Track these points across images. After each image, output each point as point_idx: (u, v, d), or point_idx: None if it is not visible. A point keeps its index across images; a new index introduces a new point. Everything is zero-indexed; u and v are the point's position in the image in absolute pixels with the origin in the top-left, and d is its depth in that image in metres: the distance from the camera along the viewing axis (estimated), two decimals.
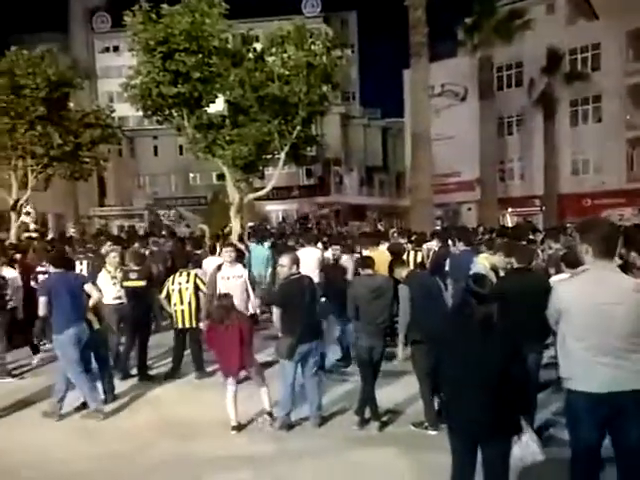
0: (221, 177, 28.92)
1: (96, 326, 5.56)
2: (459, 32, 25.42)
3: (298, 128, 12.71)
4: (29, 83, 13.96)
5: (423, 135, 17.38)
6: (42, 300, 5.20)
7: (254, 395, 4.93)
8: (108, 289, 6.47)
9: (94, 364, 5.55)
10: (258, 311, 6.96)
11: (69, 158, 15.41)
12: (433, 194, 18.24)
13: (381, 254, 7.23)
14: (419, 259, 8.15)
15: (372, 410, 4.84)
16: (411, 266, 7.96)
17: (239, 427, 4.76)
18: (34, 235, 15.37)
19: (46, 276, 7.57)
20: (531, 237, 10.19)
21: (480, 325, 2.92)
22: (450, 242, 8.60)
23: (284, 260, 4.90)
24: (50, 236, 14.00)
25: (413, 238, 9.96)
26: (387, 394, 5.36)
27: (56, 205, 25.43)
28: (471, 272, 5.28)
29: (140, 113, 13.40)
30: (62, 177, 16.54)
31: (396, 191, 37.73)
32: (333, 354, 6.68)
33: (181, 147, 35.61)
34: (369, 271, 5.05)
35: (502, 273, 5.46)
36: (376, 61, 61.04)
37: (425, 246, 9.13)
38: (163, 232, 21.79)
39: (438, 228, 16.56)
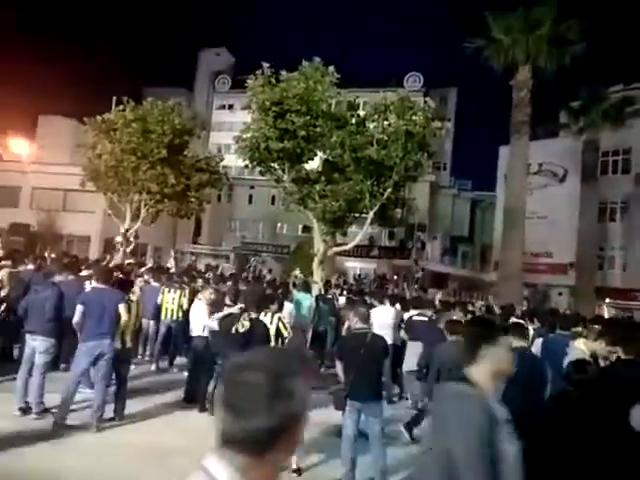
0: (306, 229, 30.25)
1: (128, 345, 5.90)
2: (562, 114, 25.15)
3: (389, 190, 13.12)
4: (157, 129, 15.95)
5: (517, 211, 17.09)
6: (77, 308, 5.45)
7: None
8: (202, 320, 6.96)
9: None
10: None
11: (178, 197, 17.08)
12: (521, 272, 17.57)
13: None
14: None
15: None
16: None
17: (299, 471, 4.79)
18: (133, 261, 16.88)
19: None
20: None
21: (582, 418, 2.65)
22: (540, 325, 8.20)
23: (351, 314, 5.01)
24: (149, 265, 15.26)
25: (498, 313, 9.64)
26: None
27: (157, 238, 27.77)
28: (568, 358, 4.93)
29: (241, 164, 14.63)
30: (169, 214, 18.22)
31: (480, 264, 36.51)
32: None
33: (273, 198, 37.92)
34: (456, 337, 4.96)
35: (602, 363, 5.04)
36: (470, 136, 61.79)
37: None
38: (245, 274, 22.87)
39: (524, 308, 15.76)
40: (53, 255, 12.97)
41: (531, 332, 8.19)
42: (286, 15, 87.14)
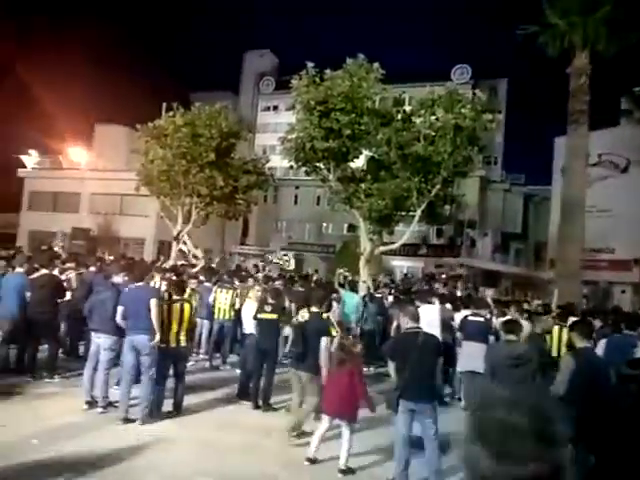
0: (352, 229, 30.15)
1: (183, 344, 6.02)
2: (624, 101, 23.69)
3: (437, 187, 12.82)
4: (206, 133, 16.36)
5: (576, 205, 16.25)
6: (119, 309, 5.77)
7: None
8: (252, 319, 7.10)
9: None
10: None
11: (227, 199, 17.45)
12: (580, 269, 16.68)
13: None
14: (565, 337, 7.03)
15: None
16: (555, 344, 7.33)
17: (313, 460, 4.84)
18: (185, 263, 17.41)
19: None
20: None
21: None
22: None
23: (401, 313, 4.94)
24: (199, 266, 15.72)
25: (555, 312, 9.19)
26: None
27: (206, 240, 28.52)
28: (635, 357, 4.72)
29: (286, 165, 14.76)
30: (218, 215, 18.65)
31: (534, 261, 35.04)
32: None
33: (319, 198, 38.06)
34: (512, 337, 4.82)
35: None
36: (523, 128, 58.87)
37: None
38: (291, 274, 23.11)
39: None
40: (111, 257, 13.63)
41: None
42: (329, 14, 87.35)
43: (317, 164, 13.78)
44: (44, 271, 7.16)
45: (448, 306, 9.18)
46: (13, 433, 4.95)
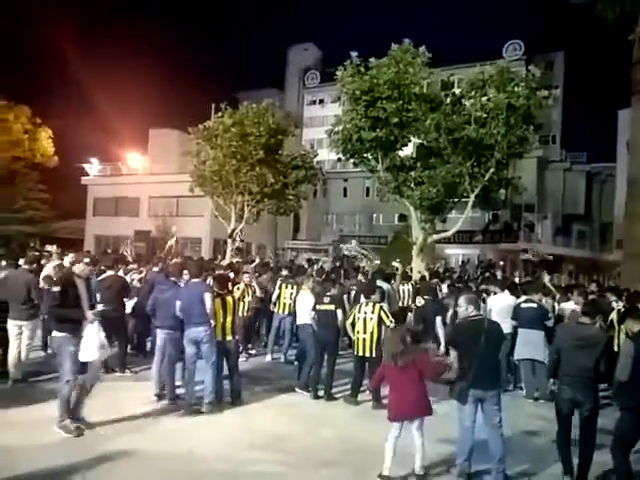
0: (402, 218, 29.73)
1: (228, 337, 6.11)
2: None
3: (491, 170, 12.37)
4: (254, 131, 16.66)
5: None
6: (177, 304, 5.95)
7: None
8: (306, 310, 7.17)
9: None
10: None
11: (277, 195, 17.73)
12: None
13: None
14: None
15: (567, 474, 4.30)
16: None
17: (387, 478, 4.48)
18: (240, 260, 17.86)
19: None
20: None
21: None
22: None
23: (461, 300, 4.82)
24: (255, 262, 16.07)
25: (624, 296, 8.63)
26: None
27: (259, 236, 29.16)
28: None
29: (334, 157, 14.72)
30: (270, 212, 19.00)
31: (599, 243, 33.07)
32: None
33: (368, 189, 37.80)
34: (585, 319, 4.66)
35: None
36: (583, 103, 54.74)
37: None
38: (345, 267, 23.11)
39: None
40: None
41: None
42: (372, 2, 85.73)
43: (365, 155, 13.66)
44: (110, 272, 7.57)
45: (506, 293, 8.88)
46: (89, 425, 5.30)
